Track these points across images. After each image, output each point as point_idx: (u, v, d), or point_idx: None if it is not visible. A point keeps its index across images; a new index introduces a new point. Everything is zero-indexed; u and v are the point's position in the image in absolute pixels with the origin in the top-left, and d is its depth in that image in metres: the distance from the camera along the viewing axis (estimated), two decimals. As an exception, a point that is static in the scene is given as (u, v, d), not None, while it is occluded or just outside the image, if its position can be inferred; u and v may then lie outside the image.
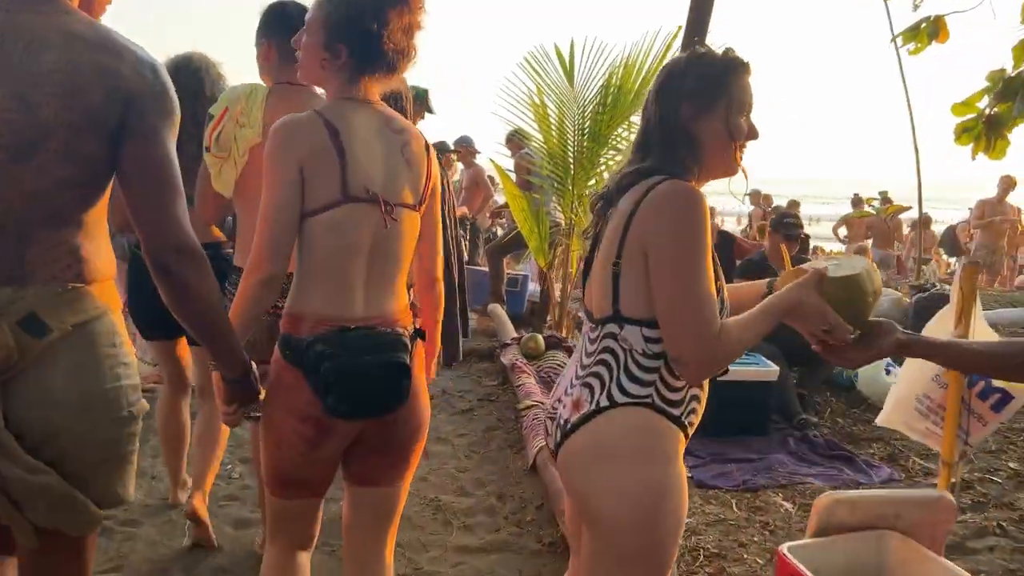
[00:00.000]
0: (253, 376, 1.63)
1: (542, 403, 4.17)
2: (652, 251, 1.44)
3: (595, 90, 5.13)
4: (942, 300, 5.87)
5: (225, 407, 1.65)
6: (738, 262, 5.19)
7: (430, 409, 1.88)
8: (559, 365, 4.93)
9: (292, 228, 1.62)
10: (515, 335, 5.37)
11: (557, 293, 5.58)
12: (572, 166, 5.26)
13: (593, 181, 5.32)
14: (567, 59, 5.06)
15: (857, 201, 12.89)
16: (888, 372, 4.74)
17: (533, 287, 7.12)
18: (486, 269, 6.90)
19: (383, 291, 1.70)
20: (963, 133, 5.49)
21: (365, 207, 1.64)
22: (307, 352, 1.61)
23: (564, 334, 5.34)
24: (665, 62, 1.73)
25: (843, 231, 13.23)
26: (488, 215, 8.26)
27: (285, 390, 1.67)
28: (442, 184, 1.99)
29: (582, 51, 5.05)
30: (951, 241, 13.65)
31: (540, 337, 5.08)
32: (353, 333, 1.62)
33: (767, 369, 4.22)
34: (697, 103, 1.55)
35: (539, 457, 3.58)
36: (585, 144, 5.22)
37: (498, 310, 6.23)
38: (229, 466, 3.59)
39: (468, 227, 7.71)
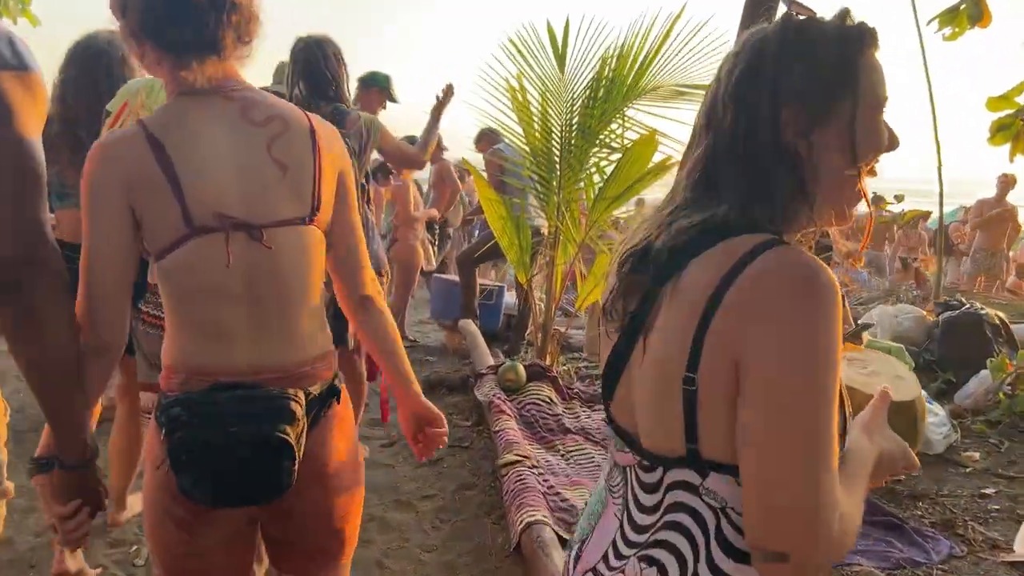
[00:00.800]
0: (97, 469, 1.29)
1: (526, 458, 3.45)
2: (751, 370, 0.86)
3: (587, 79, 4.39)
4: (973, 319, 5.28)
5: (59, 509, 1.27)
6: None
7: (359, 489, 1.50)
8: (543, 401, 4.21)
9: (117, 283, 1.28)
10: (491, 363, 4.63)
11: (540, 312, 4.83)
12: (558, 166, 4.52)
13: (582, 184, 4.59)
14: (560, 41, 4.31)
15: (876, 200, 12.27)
16: (930, 402, 4.10)
17: (509, 298, 6.39)
18: (456, 279, 6.15)
19: (277, 337, 1.34)
20: (998, 132, 4.87)
21: (222, 237, 1.28)
22: (163, 416, 1.28)
23: (548, 361, 4.61)
24: (751, 36, 0.97)
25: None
26: (460, 215, 7.48)
27: (154, 460, 1.34)
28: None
29: (577, 33, 4.30)
30: (943, 241, 13.17)
31: (520, 367, 4.34)
32: (224, 394, 1.28)
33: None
34: (810, 108, 0.95)
35: (526, 536, 2.85)
36: (573, 141, 4.49)
37: (471, 327, 5.48)
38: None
39: (436, 231, 6.94)
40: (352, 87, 3.47)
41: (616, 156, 4.50)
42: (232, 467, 1.26)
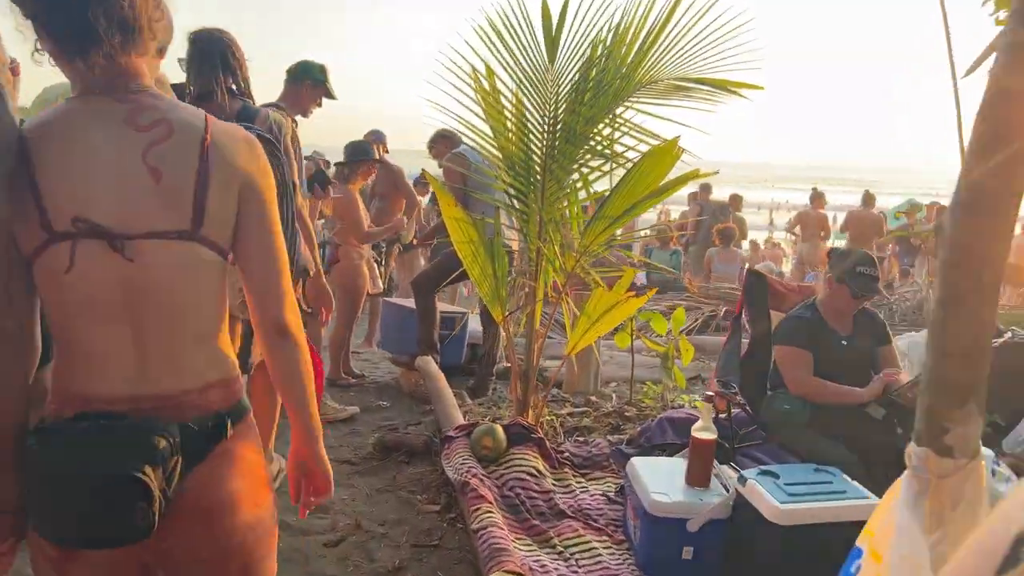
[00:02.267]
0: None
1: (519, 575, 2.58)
2: None
3: (579, 66, 3.52)
4: (1019, 353, 4.60)
5: None
6: (775, 315, 3.69)
7: (266, 533, 1.38)
8: (530, 474, 3.34)
9: None
10: (462, 423, 3.73)
11: (517, 352, 3.95)
12: (540, 175, 3.64)
13: (566, 203, 3.73)
14: (554, 21, 3.41)
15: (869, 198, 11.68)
16: (994, 473, 3.37)
17: (474, 325, 5.49)
18: (411, 305, 5.23)
19: (157, 362, 1.27)
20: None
21: (91, 245, 1.22)
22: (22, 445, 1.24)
23: (532, 419, 3.74)
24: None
25: (800, 228, 12.10)
26: (412, 230, 6.53)
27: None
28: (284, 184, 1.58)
29: (575, 12, 3.41)
30: (907, 240, 12.78)
31: (499, 431, 3.46)
32: (84, 424, 1.21)
33: (866, 502, 2.73)
34: None
35: None
36: (558, 144, 3.61)
37: (430, 367, 4.57)
38: None
39: (383, 248, 5.98)
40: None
41: (600, 163, 3.67)
42: (81, 505, 1.20)
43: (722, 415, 3.35)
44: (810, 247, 11.87)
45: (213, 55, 2.92)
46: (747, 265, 10.47)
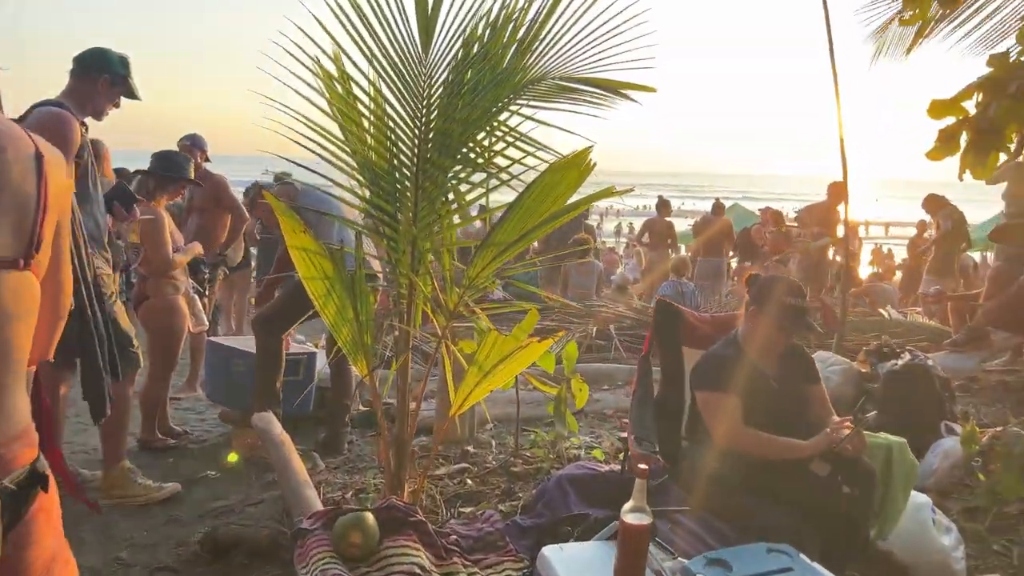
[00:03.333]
0: None
1: None
2: None
3: (452, 60, 2.84)
4: (921, 373, 4.40)
5: None
6: (687, 351, 3.17)
7: None
8: (413, 574, 2.61)
9: None
10: (319, 508, 2.92)
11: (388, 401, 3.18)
12: (412, 194, 2.92)
13: (437, 228, 3.04)
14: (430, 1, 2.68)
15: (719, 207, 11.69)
16: (933, 523, 3.03)
17: (322, 366, 4.64)
18: (244, 347, 4.32)
19: None
20: (945, 143, 3.90)
21: None
22: None
23: (409, 498, 2.99)
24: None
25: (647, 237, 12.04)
26: (241, 251, 5.55)
27: None
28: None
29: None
30: (745, 244, 13.10)
31: (368, 521, 2.68)
32: None
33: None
34: None
35: None
36: (430, 154, 2.90)
37: (272, 427, 3.69)
38: None
39: (206, 274, 4.99)
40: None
41: (483, 178, 3.02)
42: None
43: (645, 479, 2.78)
44: (658, 255, 11.85)
45: None
46: (601, 274, 10.24)
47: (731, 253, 12.28)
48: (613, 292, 8.78)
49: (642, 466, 2.43)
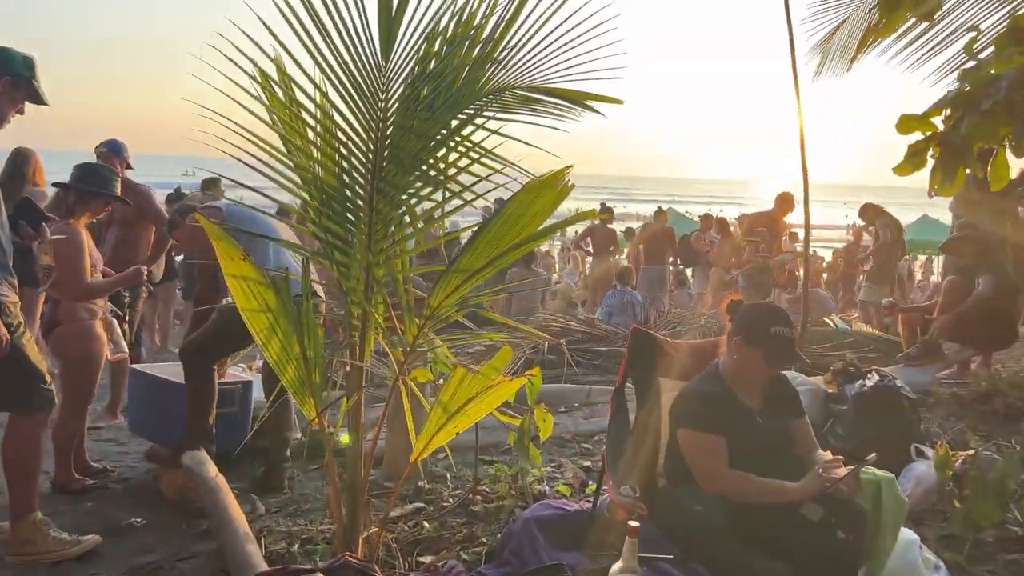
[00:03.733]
0: None
1: None
2: None
3: (411, 66, 2.55)
4: (890, 394, 4.30)
5: None
6: (663, 383, 2.96)
7: None
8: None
9: None
10: (262, 570, 2.58)
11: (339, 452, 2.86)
12: (366, 215, 2.62)
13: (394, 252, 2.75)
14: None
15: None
16: (921, 560, 2.89)
17: (258, 392, 4.27)
18: (172, 377, 3.92)
19: None
20: (912, 158, 3.79)
21: None
22: None
23: (364, 553, 2.68)
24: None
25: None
26: (163, 267, 5.11)
27: None
28: None
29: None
30: (685, 251, 13.11)
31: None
32: None
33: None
34: None
35: None
36: (386, 170, 2.61)
37: (205, 471, 3.32)
38: None
39: (125, 299, 4.54)
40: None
41: (448, 196, 2.75)
42: None
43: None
44: (600, 263, 11.74)
45: None
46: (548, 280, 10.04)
47: (670, 259, 12.24)
48: (559, 303, 8.58)
49: (632, 523, 2.20)
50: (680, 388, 2.92)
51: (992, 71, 3.49)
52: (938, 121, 3.65)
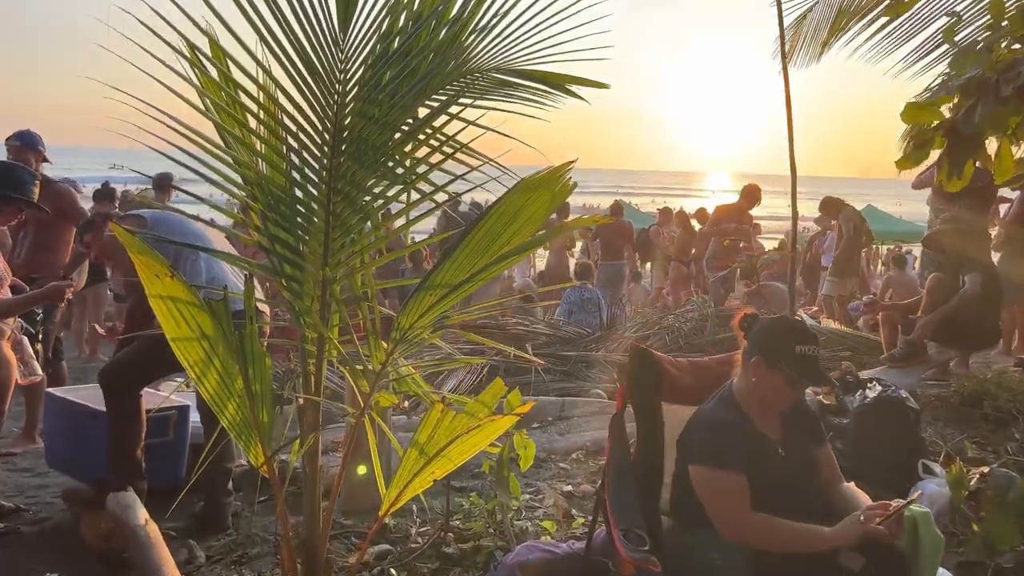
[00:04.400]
0: None
1: None
2: None
3: (372, 43, 2.12)
4: (895, 407, 4.01)
5: None
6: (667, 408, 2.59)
7: None
8: None
9: None
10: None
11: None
12: (321, 220, 2.18)
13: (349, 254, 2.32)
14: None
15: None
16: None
17: (196, 420, 3.77)
18: (93, 404, 3.41)
19: None
20: (917, 150, 3.50)
21: None
22: None
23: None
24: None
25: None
26: (84, 275, 4.56)
27: None
28: None
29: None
30: (644, 244, 12.87)
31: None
32: None
33: None
34: None
35: None
36: (345, 166, 2.18)
37: (133, 517, 2.83)
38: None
39: (38, 317, 3.98)
40: None
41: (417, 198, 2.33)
42: None
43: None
44: (558, 260, 11.40)
45: None
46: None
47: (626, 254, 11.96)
48: (520, 303, 8.19)
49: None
50: (685, 414, 2.56)
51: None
52: (945, 111, 3.35)
